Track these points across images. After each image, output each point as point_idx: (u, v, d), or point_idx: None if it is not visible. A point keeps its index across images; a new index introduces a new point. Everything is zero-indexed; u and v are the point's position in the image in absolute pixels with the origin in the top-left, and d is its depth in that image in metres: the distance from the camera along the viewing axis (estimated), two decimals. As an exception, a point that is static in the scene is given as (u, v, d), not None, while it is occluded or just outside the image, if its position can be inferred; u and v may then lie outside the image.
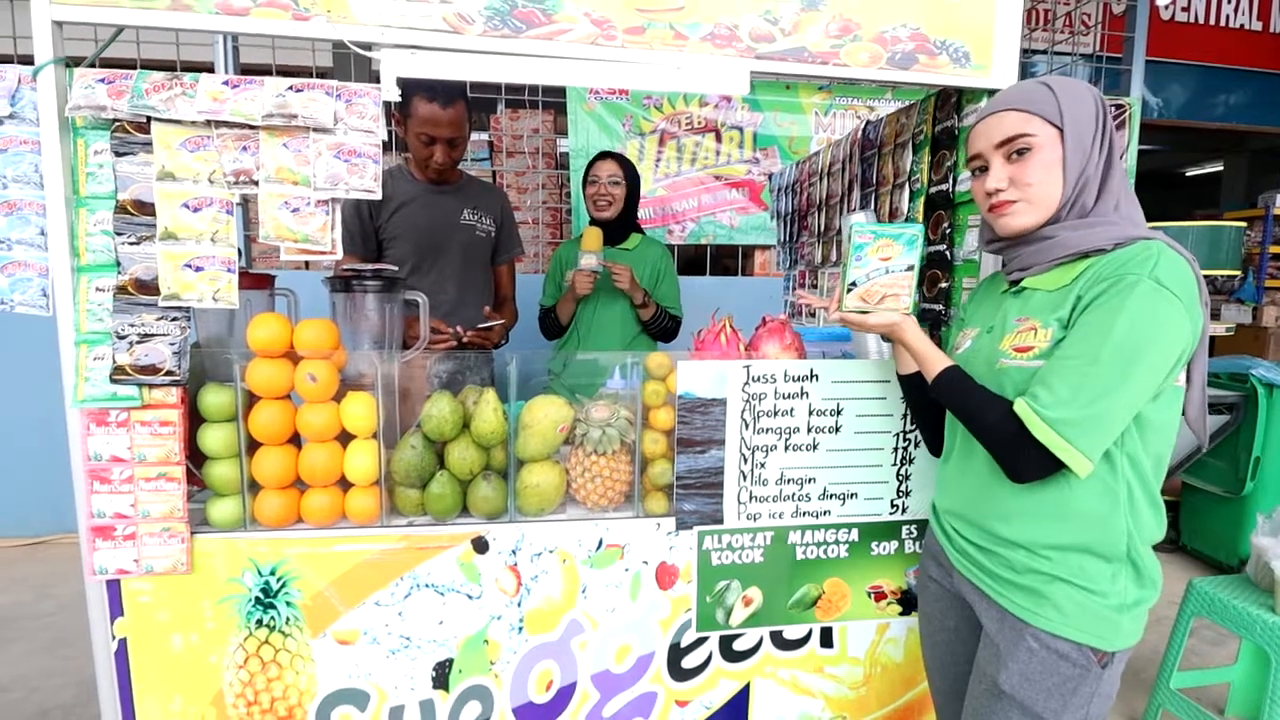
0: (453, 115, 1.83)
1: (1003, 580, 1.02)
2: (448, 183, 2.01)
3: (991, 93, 1.38)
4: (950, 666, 1.20)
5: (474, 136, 3.86)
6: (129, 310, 1.16)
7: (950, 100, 1.53)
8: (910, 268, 1.11)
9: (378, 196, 1.19)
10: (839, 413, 1.37)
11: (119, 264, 1.15)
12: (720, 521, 1.37)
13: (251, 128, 1.15)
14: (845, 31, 1.29)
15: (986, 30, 1.34)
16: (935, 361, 1.08)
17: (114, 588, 1.23)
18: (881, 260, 1.11)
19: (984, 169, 1.05)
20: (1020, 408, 0.93)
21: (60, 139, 1.12)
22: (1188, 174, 9.09)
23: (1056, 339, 0.95)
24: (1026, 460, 0.94)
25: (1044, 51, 4.69)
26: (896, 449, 1.40)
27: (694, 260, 4.23)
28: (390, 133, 2.38)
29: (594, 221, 2.35)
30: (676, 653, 1.40)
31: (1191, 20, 5.51)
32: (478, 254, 2.09)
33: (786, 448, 1.36)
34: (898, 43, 1.31)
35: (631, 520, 1.36)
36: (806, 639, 1.44)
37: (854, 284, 1.12)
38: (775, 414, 1.35)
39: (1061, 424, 0.90)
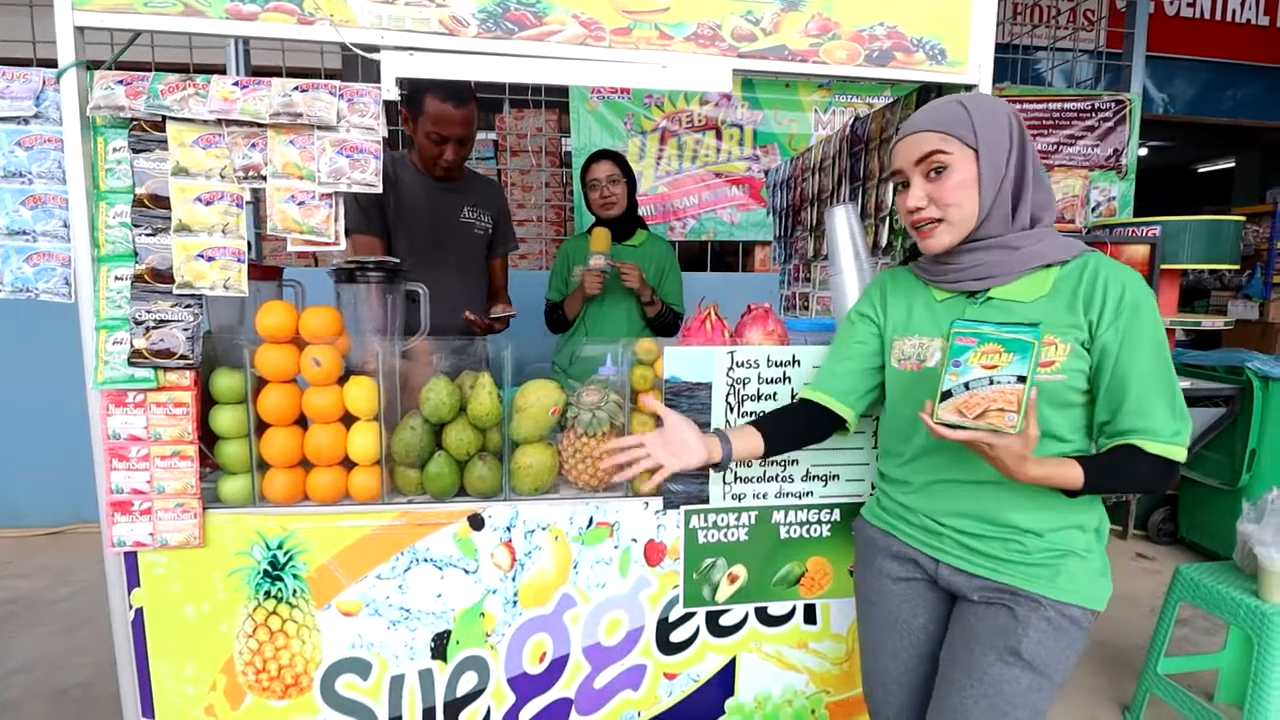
0: (465, 115, 1.87)
1: (1015, 563, 1.07)
2: (451, 179, 2.06)
3: (968, 88, 1.43)
4: (914, 665, 1.21)
5: (479, 135, 3.94)
6: (146, 298, 1.23)
7: (931, 96, 1.58)
8: (1021, 379, 0.92)
9: (378, 190, 1.26)
10: (820, 397, 1.42)
11: (136, 254, 1.23)
12: (706, 501, 1.43)
13: (260, 126, 1.22)
14: (824, 30, 1.34)
15: (962, 28, 1.39)
16: (1069, 469, 1.00)
17: (131, 560, 1.30)
18: (985, 369, 0.94)
19: (907, 185, 1.10)
20: (1158, 448, 1.00)
21: (82, 137, 1.19)
22: (1200, 170, 9.03)
23: (1076, 354, 1.03)
24: (1173, 478, 1.03)
25: (1045, 48, 4.71)
26: (876, 433, 1.45)
27: (696, 257, 4.29)
28: (395, 131, 2.44)
29: (599, 221, 2.41)
30: (664, 627, 1.46)
31: (1197, 16, 5.50)
32: (475, 250, 2.14)
33: (770, 430, 1.42)
34: (875, 40, 1.36)
35: (621, 499, 1.42)
36: (790, 615, 1.50)
37: (949, 393, 0.97)
38: (759, 398, 1.41)
39: (1183, 437, 1.01)
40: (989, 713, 1.05)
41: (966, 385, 0.95)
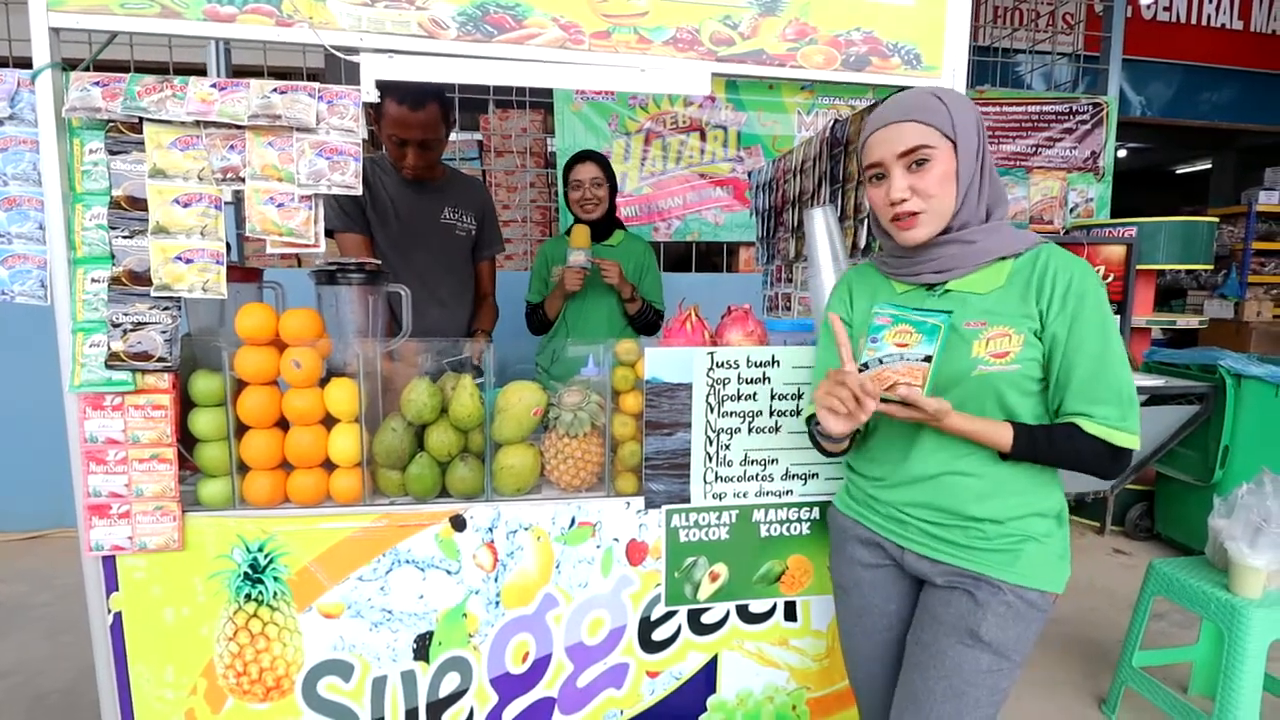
0: (423, 118, 1.85)
1: (976, 550, 1.10)
2: (430, 179, 2.05)
3: (944, 92, 1.45)
4: (890, 647, 1.24)
5: (464, 136, 3.93)
6: (123, 300, 1.23)
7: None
8: (927, 359, 1.01)
9: (358, 192, 1.26)
10: (799, 396, 1.44)
11: (113, 256, 1.22)
12: (687, 500, 1.44)
13: (238, 127, 1.22)
14: (801, 35, 1.36)
15: (936, 33, 1.41)
16: (997, 428, 1.05)
17: (110, 564, 1.29)
18: (897, 346, 1.04)
19: (882, 177, 1.10)
20: (1098, 429, 1.03)
21: (57, 139, 1.19)
22: (1178, 171, 9.17)
23: (1030, 343, 1.06)
24: (1119, 465, 1.05)
25: (1025, 50, 4.77)
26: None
27: (681, 257, 4.30)
28: (371, 131, 2.42)
29: (579, 221, 2.42)
30: (647, 626, 1.47)
31: (1173, 20, 5.59)
32: (457, 252, 2.12)
33: (750, 430, 1.43)
34: (851, 45, 1.38)
35: (603, 499, 1.43)
36: (771, 613, 1.52)
37: (865, 365, 1.06)
38: (739, 398, 1.42)
39: (1128, 424, 1.04)
40: (948, 692, 1.09)
41: (880, 360, 1.04)
